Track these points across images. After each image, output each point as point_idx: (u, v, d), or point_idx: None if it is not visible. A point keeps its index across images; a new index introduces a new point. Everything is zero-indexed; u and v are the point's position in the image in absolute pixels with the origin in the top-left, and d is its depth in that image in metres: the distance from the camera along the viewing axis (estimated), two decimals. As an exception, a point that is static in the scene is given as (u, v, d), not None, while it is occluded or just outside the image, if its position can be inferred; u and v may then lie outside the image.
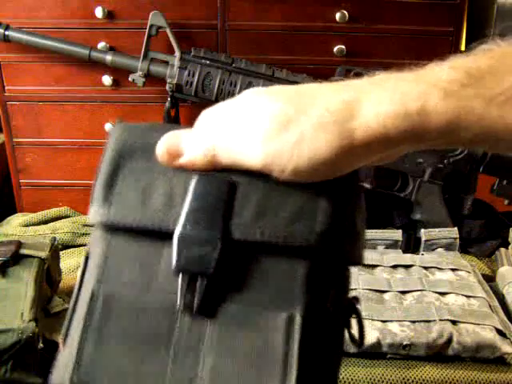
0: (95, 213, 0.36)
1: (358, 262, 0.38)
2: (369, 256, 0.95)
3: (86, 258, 0.37)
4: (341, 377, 0.74)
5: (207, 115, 0.37)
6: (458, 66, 0.34)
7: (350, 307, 0.39)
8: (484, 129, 0.33)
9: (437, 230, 1.00)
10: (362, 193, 0.38)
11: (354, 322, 0.41)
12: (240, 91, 1.05)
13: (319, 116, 0.33)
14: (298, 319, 0.33)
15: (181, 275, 0.34)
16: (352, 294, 0.87)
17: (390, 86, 0.34)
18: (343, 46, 1.12)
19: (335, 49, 1.12)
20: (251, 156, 0.34)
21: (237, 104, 0.36)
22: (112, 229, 0.35)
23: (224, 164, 0.34)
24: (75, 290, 0.36)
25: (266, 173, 0.34)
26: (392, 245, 1.00)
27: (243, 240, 0.34)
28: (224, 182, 0.34)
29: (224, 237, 0.33)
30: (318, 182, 0.34)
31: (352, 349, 0.75)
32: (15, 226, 1.14)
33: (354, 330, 0.41)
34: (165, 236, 0.34)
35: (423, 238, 1.00)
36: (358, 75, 0.36)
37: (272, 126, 0.33)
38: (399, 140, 0.34)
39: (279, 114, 0.34)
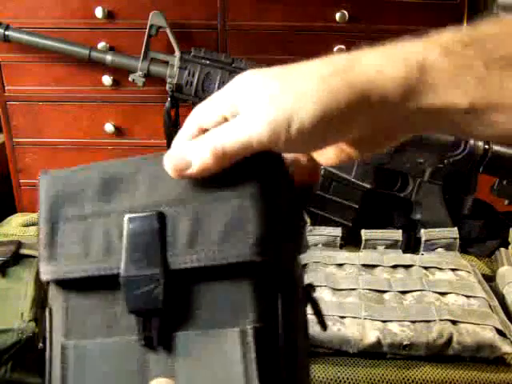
0: (45, 271, 0.37)
1: (303, 250, 0.38)
2: (369, 256, 0.95)
3: (50, 313, 0.38)
4: (341, 377, 0.74)
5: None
6: (461, 31, 0.34)
7: (307, 296, 0.40)
8: (482, 93, 0.32)
9: (437, 230, 1.00)
10: (288, 178, 0.38)
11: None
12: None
13: (318, 71, 0.33)
14: (250, 332, 0.34)
15: (135, 316, 0.35)
16: (352, 294, 0.86)
17: (389, 46, 0.34)
18: (343, 46, 1.12)
19: (335, 49, 1.12)
20: (257, 131, 0.33)
21: (230, 91, 0.36)
22: (64, 283, 0.36)
23: (234, 154, 0.34)
24: (47, 347, 0.38)
25: (274, 145, 0.34)
26: (392, 245, 1.00)
27: (182, 269, 0.34)
28: (153, 217, 0.35)
29: (164, 271, 0.34)
30: (242, 189, 0.34)
31: (352, 349, 0.75)
32: (15, 226, 1.14)
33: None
34: (112, 281, 0.35)
35: (423, 238, 1.00)
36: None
37: (271, 92, 0.33)
38: (396, 97, 0.33)
39: (275, 82, 0.34)
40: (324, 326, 0.42)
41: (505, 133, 0.34)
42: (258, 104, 0.33)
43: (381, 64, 0.33)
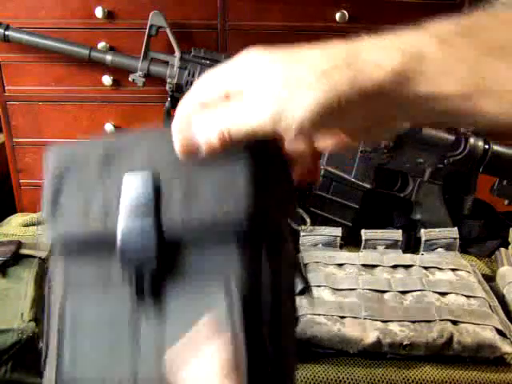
0: (47, 234, 0.39)
1: (292, 216, 0.41)
2: (369, 256, 0.95)
3: (49, 280, 0.40)
4: (341, 377, 0.74)
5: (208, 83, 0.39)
6: (455, 20, 0.35)
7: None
8: (474, 81, 0.34)
9: (437, 230, 1.00)
10: (282, 157, 0.40)
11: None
12: (240, 91, 1.05)
13: (319, 64, 0.35)
14: (235, 289, 0.36)
15: (128, 267, 0.37)
16: (352, 294, 0.87)
17: (386, 37, 0.35)
18: (343, 46, 1.12)
19: (335, 49, 1.12)
20: (261, 122, 0.35)
21: (236, 69, 0.37)
22: (65, 245, 0.39)
23: (240, 139, 0.36)
24: (46, 310, 0.40)
25: (277, 133, 0.35)
26: (392, 245, 1.00)
27: (175, 229, 0.37)
28: (150, 178, 0.37)
29: (158, 228, 0.37)
30: (235, 159, 0.37)
31: (352, 349, 0.75)
32: (15, 225, 1.14)
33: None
34: (109, 245, 0.37)
35: (423, 238, 1.00)
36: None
37: (274, 82, 0.35)
38: (392, 86, 0.34)
39: (280, 71, 0.35)
40: (308, 288, 0.45)
41: (496, 120, 0.35)
42: (263, 94, 0.35)
43: (378, 58, 0.34)
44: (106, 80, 1.15)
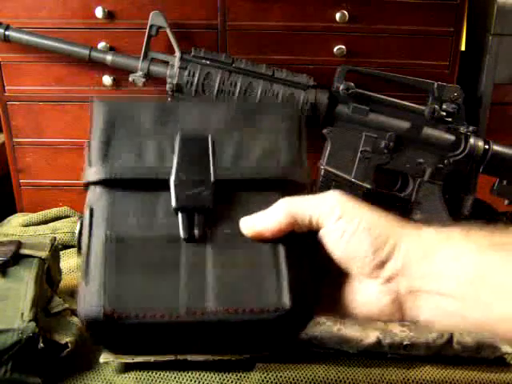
0: (96, 172, 0.43)
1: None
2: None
3: (91, 213, 0.43)
4: (341, 377, 0.74)
5: None
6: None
7: None
8: None
9: (437, 230, 1.00)
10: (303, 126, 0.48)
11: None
12: (240, 91, 1.05)
13: None
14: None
15: (180, 213, 0.42)
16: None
17: None
18: (343, 46, 1.12)
19: (335, 49, 1.12)
20: None
21: None
22: (113, 183, 0.43)
23: None
24: (84, 238, 0.42)
25: None
26: (392, 245, 0.99)
27: (227, 179, 0.43)
28: (204, 138, 0.44)
29: (213, 177, 0.43)
30: (279, 128, 0.46)
31: (352, 349, 0.75)
32: (15, 225, 1.15)
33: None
34: (160, 184, 0.42)
35: (423, 238, 0.99)
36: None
37: None
38: None
39: None
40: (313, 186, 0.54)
41: None
42: None
43: None
44: (106, 80, 1.15)
